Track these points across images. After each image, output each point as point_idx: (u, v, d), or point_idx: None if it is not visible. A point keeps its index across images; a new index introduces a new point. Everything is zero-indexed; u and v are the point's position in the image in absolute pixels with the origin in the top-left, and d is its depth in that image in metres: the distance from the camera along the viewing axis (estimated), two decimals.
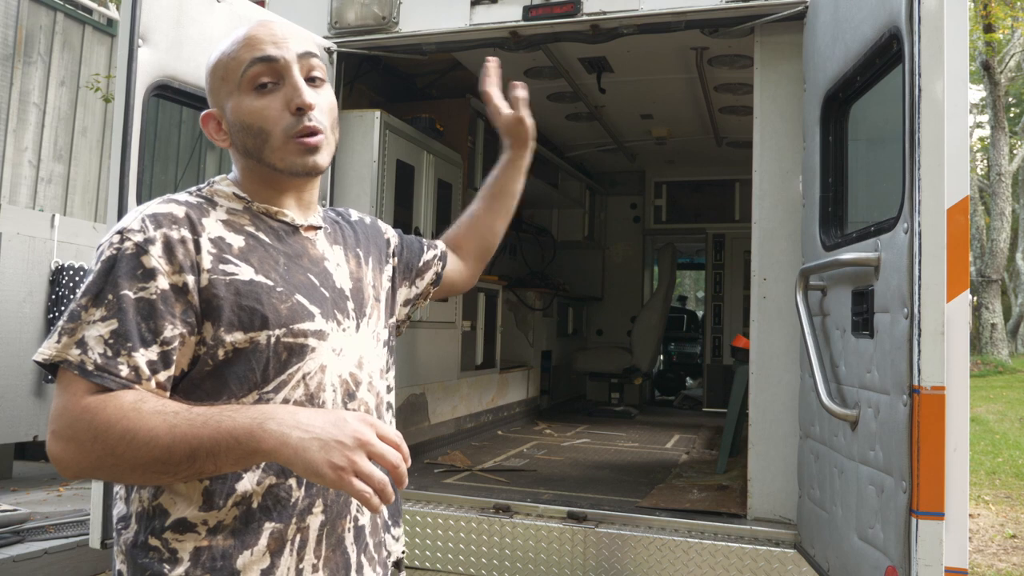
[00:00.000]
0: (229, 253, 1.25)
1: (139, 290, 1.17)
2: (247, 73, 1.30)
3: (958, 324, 2.42)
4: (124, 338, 1.14)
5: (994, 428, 10.21)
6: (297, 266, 1.33)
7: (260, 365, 1.24)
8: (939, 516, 1.90)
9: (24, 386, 5.05)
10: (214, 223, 1.27)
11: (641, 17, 3.22)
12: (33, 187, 7.98)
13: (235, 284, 1.23)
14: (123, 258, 1.18)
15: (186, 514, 1.21)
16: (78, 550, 3.82)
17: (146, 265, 1.18)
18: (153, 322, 1.17)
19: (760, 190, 3.19)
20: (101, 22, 8.78)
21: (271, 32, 1.32)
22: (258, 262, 1.27)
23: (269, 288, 1.26)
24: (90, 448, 1.10)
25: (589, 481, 3.95)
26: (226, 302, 1.21)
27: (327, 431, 1.06)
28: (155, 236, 1.19)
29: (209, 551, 1.20)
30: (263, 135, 1.30)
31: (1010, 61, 18.44)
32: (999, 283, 18.52)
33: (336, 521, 1.31)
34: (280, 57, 1.30)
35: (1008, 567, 4.91)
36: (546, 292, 7.03)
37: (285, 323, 1.25)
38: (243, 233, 1.29)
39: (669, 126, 6.22)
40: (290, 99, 1.29)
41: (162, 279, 1.18)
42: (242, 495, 1.22)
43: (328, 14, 3.56)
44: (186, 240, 1.22)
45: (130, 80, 2.59)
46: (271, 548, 1.23)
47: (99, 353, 1.13)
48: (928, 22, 1.95)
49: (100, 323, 1.14)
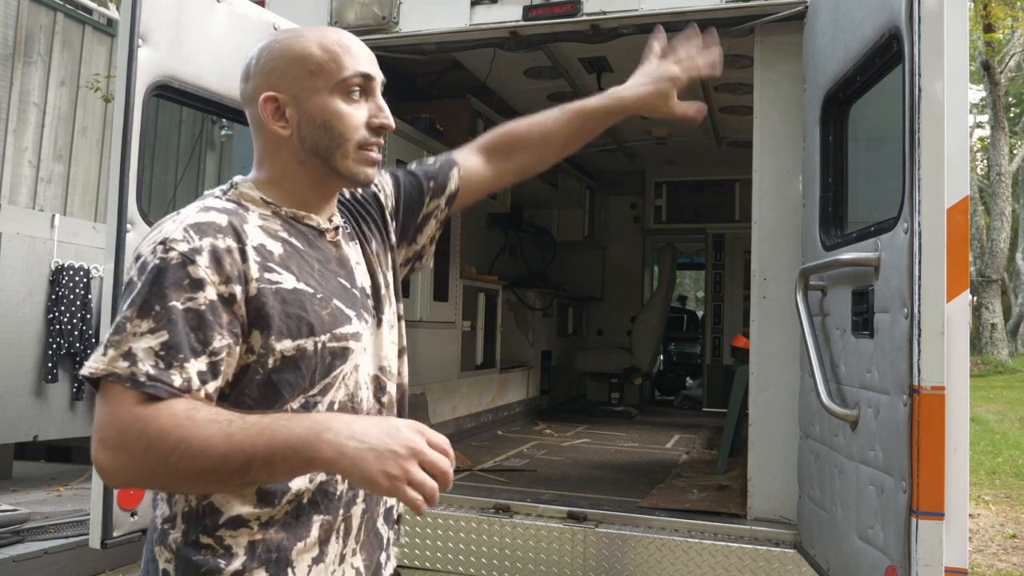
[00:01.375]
0: (272, 261, 1.26)
1: (187, 300, 1.16)
2: (348, 80, 1.32)
3: (958, 324, 2.42)
4: (175, 349, 1.14)
5: (994, 428, 10.21)
6: (329, 271, 1.35)
7: (309, 371, 1.26)
8: (939, 516, 1.90)
9: (24, 386, 5.05)
10: (254, 230, 1.28)
11: (641, 17, 3.22)
12: (33, 187, 7.98)
13: (281, 293, 1.24)
14: (169, 268, 1.16)
15: (241, 511, 1.23)
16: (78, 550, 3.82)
17: (193, 276, 1.17)
18: (202, 333, 1.16)
19: (760, 190, 3.19)
20: (101, 22, 8.78)
21: (361, 47, 1.38)
22: (297, 269, 1.28)
23: (310, 295, 1.28)
24: (142, 457, 1.10)
25: (589, 481, 3.95)
26: (274, 311, 1.22)
27: (382, 441, 1.09)
28: (201, 246, 1.19)
29: (264, 544, 1.23)
30: (341, 139, 1.33)
31: (1010, 61, 18.45)
32: (999, 283, 18.52)
33: (374, 508, 1.39)
34: (375, 76, 1.37)
35: (1008, 567, 4.91)
36: (546, 292, 7.03)
37: (328, 329, 1.28)
38: (279, 240, 1.30)
39: (669, 126, 6.21)
40: (374, 116, 1.35)
41: (210, 289, 1.18)
42: (295, 493, 1.26)
43: (328, 14, 3.56)
44: (232, 250, 1.21)
45: (130, 80, 2.59)
46: (320, 538, 1.28)
47: (150, 365, 1.12)
48: (928, 22, 1.95)
49: (149, 335, 1.13)
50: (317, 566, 1.28)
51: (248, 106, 1.38)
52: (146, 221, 2.67)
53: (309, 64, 1.33)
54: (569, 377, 7.85)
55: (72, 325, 5.22)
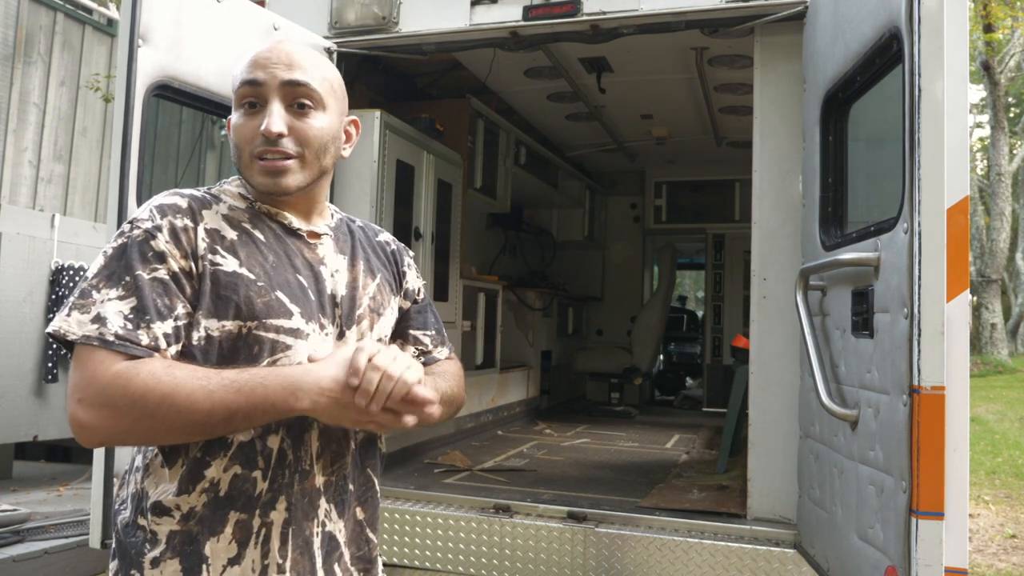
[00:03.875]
0: (220, 245, 1.32)
1: (152, 271, 1.25)
2: (238, 92, 1.38)
3: (958, 324, 2.42)
4: (143, 312, 1.22)
5: (994, 428, 10.21)
6: (287, 265, 1.37)
7: (231, 354, 1.29)
8: (939, 516, 1.91)
9: (24, 386, 5.04)
10: (213, 215, 1.35)
11: (641, 17, 3.22)
12: (33, 187, 7.98)
13: (218, 273, 1.29)
14: (134, 243, 1.26)
15: (161, 498, 1.28)
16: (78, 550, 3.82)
17: (156, 249, 1.26)
18: (168, 299, 1.25)
19: (760, 190, 3.19)
20: (101, 22, 8.78)
21: (268, 55, 1.38)
22: (245, 256, 1.33)
23: (249, 281, 1.31)
24: (127, 412, 1.17)
25: (589, 481, 3.95)
26: (208, 289, 1.28)
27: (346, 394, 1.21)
28: (162, 224, 1.28)
29: (181, 535, 1.27)
30: (238, 151, 1.39)
31: (1010, 61, 18.45)
32: (999, 283, 18.53)
33: (302, 522, 1.34)
34: (263, 81, 1.36)
35: (1008, 567, 4.91)
36: (546, 292, 7.02)
37: (259, 316, 1.30)
38: (239, 228, 1.36)
39: (669, 126, 6.21)
40: (262, 123, 1.35)
41: (172, 262, 1.27)
42: (210, 481, 1.28)
43: (328, 14, 3.56)
44: (188, 229, 1.30)
45: (130, 80, 2.59)
46: (236, 537, 1.29)
47: (119, 325, 1.20)
48: (928, 22, 1.95)
49: (118, 300, 1.22)
50: (233, 568, 1.28)
51: None
52: None
53: (232, 82, 1.42)
54: (569, 377, 7.84)
55: None
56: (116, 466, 2.56)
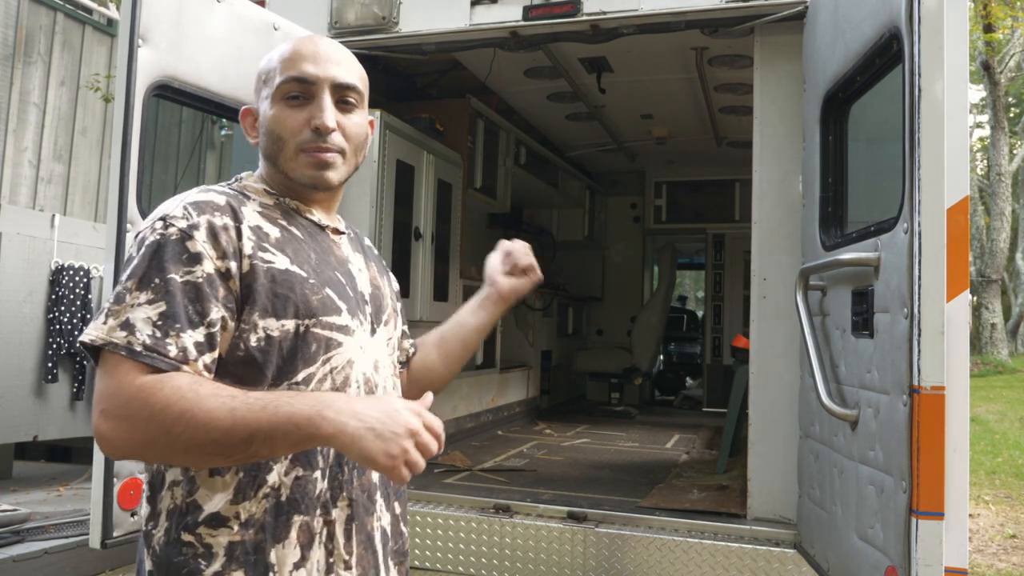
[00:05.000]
0: (267, 242, 1.29)
1: (185, 274, 1.19)
2: (283, 86, 1.36)
3: (958, 324, 2.42)
4: (172, 319, 1.17)
5: (994, 428, 10.21)
6: (326, 262, 1.37)
7: (290, 354, 1.27)
8: (939, 516, 1.90)
9: (24, 386, 5.05)
10: (252, 212, 1.32)
11: (641, 17, 3.22)
12: (33, 187, 7.98)
13: (272, 271, 1.26)
14: (168, 243, 1.21)
15: (219, 508, 1.22)
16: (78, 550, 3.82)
17: (191, 250, 1.21)
18: (200, 304, 1.19)
19: (760, 190, 3.19)
20: (101, 22, 8.78)
21: (315, 51, 1.38)
22: (293, 253, 1.31)
23: (303, 279, 1.30)
24: (145, 427, 1.12)
25: (589, 481, 3.95)
26: (263, 288, 1.25)
27: (382, 422, 1.12)
28: (199, 222, 1.23)
29: (242, 545, 1.22)
30: (280, 143, 1.37)
31: (1010, 61, 18.44)
32: (999, 283, 18.52)
33: (364, 517, 1.33)
34: (314, 78, 1.36)
35: (1008, 567, 4.91)
36: (546, 292, 7.02)
37: (316, 314, 1.29)
38: (277, 225, 1.34)
39: (669, 126, 6.21)
40: (312, 117, 1.35)
41: (208, 263, 1.21)
42: (272, 487, 1.24)
43: (328, 14, 3.56)
44: (228, 227, 1.25)
45: (130, 80, 2.59)
46: (300, 541, 1.25)
47: (147, 334, 1.15)
48: (928, 22, 1.95)
49: (147, 306, 1.17)
50: (299, 571, 1.25)
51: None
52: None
53: (263, 75, 1.41)
54: (569, 377, 7.84)
55: (72, 325, 5.22)
56: (116, 467, 2.55)
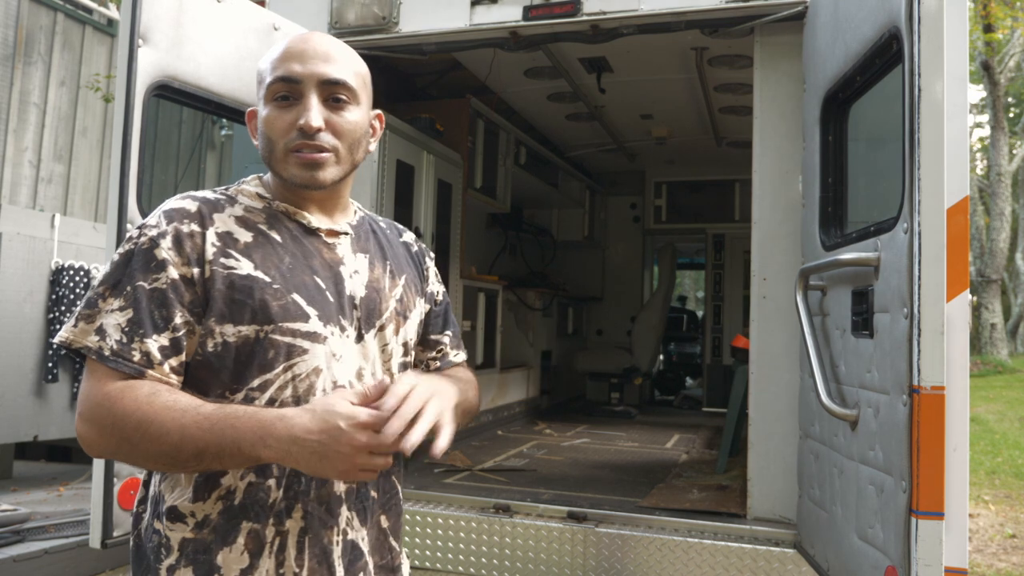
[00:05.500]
0: (233, 248, 1.31)
1: (152, 281, 1.25)
2: (271, 87, 1.37)
3: (958, 324, 2.42)
4: (137, 325, 1.23)
5: (994, 428, 10.21)
6: (304, 267, 1.35)
7: (247, 360, 1.28)
8: (939, 516, 1.90)
9: (24, 386, 5.04)
10: (225, 218, 1.34)
11: (641, 17, 3.22)
12: (33, 187, 7.98)
13: (231, 277, 1.28)
14: (139, 251, 1.27)
15: (178, 503, 1.27)
16: (78, 550, 3.82)
17: (158, 257, 1.26)
18: (165, 310, 1.25)
19: (760, 190, 3.19)
20: (101, 22, 8.78)
21: (303, 49, 1.37)
22: (260, 258, 1.32)
23: (265, 284, 1.29)
24: (109, 434, 1.20)
25: (589, 481, 3.95)
26: (220, 294, 1.27)
27: (323, 443, 1.13)
28: (167, 230, 1.28)
29: (194, 543, 1.26)
30: (271, 145, 1.37)
31: (1010, 61, 18.44)
32: (999, 283, 18.52)
33: (320, 531, 1.30)
34: (300, 77, 1.35)
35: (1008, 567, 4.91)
36: (546, 292, 7.02)
37: (275, 320, 1.29)
38: (254, 230, 1.35)
39: (669, 126, 6.21)
40: (299, 117, 1.34)
41: (172, 270, 1.26)
42: (226, 489, 1.27)
43: (328, 14, 3.56)
44: (194, 234, 1.29)
45: (130, 80, 2.59)
46: (249, 548, 1.26)
47: (115, 340, 1.22)
48: (928, 22, 1.95)
49: (118, 312, 1.24)
50: None
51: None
52: None
53: (258, 76, 1.42)
54: (569, 377, 7.84)
55: None
56: (116, 467, 2.55)
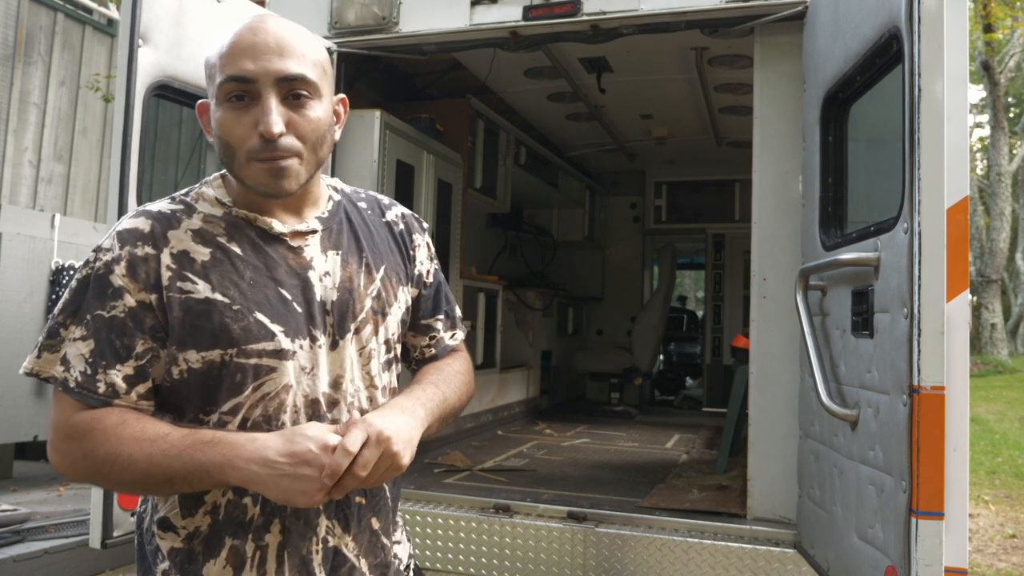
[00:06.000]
0: (189, 269, 1.24)
1: (111, 309, 1.22)
2: (223, 86, 1.24)
3: (958, 324, 2.42)
4: (100, 356, 1.21)
5: (994, 428, 10.21)
6: (267, 280, 1.27)
7: (215, 384, 1.24)
8: (939, 516, 1.90)
9: (24, 386, 5.04)
10: (182, 235, 1.26)
11: (641, 17, 3.22)
12: (33, 187, 7.98)
13: (188, 302, 1.23)
14: (95, 278, 1.23)
15: (168, 514, 1.29)
16: (78, 550, 3.82)
17: (113, 284, 1.22)
18: (126, 338, 1.22)
19: (760, 190, 3.19)
20: (101, 22, 8.78)
21: (253, 42, 1.23)
22: (218, 278, 1.24)
23: (224, 306, 1.23)
24: (80, 464, 1.21)
25: (589, 481, 3.95)
26: (178, 321, 1.23)
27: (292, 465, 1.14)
28: (121, 255, 1.23)
29: (182, 553, 1.27)
30: (230, 150, 1.26)
31: (1010, 61, 18.45)
32: (999, 283, 18.52)
33: (299, 543, 1.29)
34: (254, 76, 1.22)
35: (1008, 567, 4.91)
36: (546, 292, 7.02)
37: (238, 343, 1.23)
38: (212, 245, 1.26)
39: (669, 126, 6.21)
40: (258, 122, 1.23)
41: (128, 297, 1.22)
42: (211, 504, 1.28)
43: (328, 14, 3.56)
44: (148, 258, 1.23)
45: (130, 80, 2.59)
46: (231, 562, 1.27)
47: (79, 371, 1.21)
48: (928, 22, 1.95)
49: (80, 341, 1.22)
50: None
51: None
52: None
53: (208, 69, 1.28)
54: (569, 377, 7.84)
55: None
56: None
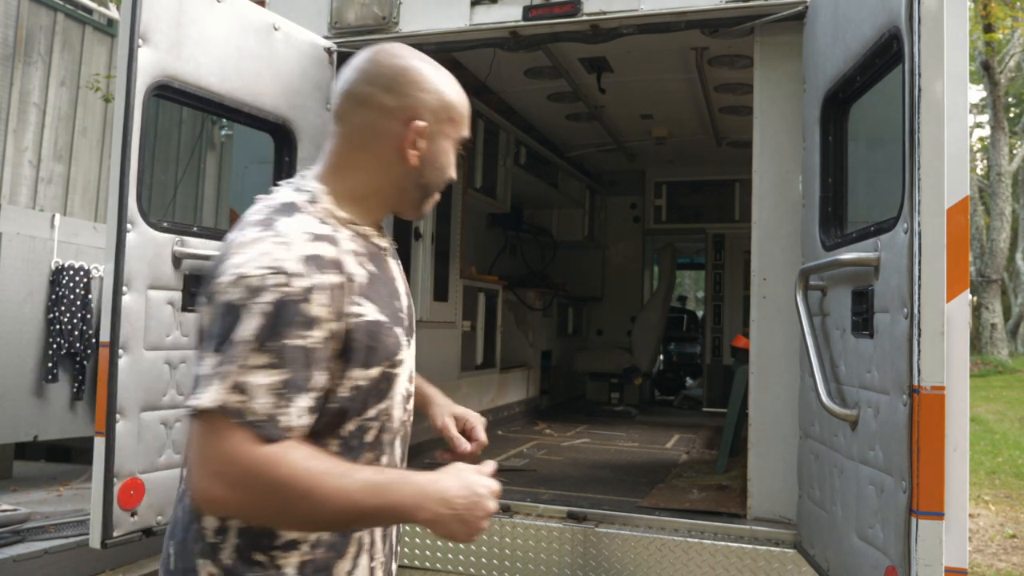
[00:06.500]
0: (357, 292, 1.28)
1: (303, 338, 1.18)
2: (460, 140, 1.48)
3: (958, 324, 2.42)
4: (287, 387, 1.16)
5: (994, 428, 10.21)
6: (393, 293, 1.40)
7: (369, 396, 1.32)
8: (939, 516, 1.90)
9: (24, 386, 5.04)
10: (348, 258, 1.29)
11: (641, 17, 3.22)
12: (33, 187, 7.98)
13: (364, 326, 1.28)
14: (289, 303, 1.17)
15: (297, 536, 1.28)
16: (78, 550, 3.81)
17: (310, 314, 1.19)
18: (314, 370, 1.20)
19: (760, 190, 3.19)
20: (101, 22, 8.77)
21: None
22: (376, 299, 1.32)
23: (385, 326, 1.32)
24: (263, 499, 1.14)
25: (589, 481, 3.95)
26: (358, 344, 1.27)
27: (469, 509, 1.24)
28: (318, 283, 1.20)
29: (312, 563, 1.29)
30: (441, 184, 1.46)
31: (1010, 61, 18.46)
32: (999, 283, 18.53)
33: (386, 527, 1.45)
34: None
35: (1008, 567, 4.91)
36: (546, 292, 7.03)
37: (392, 356, 1.34)
38: (364, 268, 1.33)
39: (669, 126, 6.21)
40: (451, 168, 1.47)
41: (325, 326, 1.21)
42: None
43: (328, 14, 3.56)
44: (341, 286, 1.24)
45: (130, 80, 2.59)
46: (353, 553, 1.35)
47: (264, 403, 1.14)
48: (928, 22, 1.95)
49: (265, 371, 1.14)
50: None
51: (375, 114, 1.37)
52: (146, 221, 2.67)
53: (454, 113, 1.45)
54: (569, 377, 7.84)
55: (72, 325, 5.21)
56: (116, 467, 2.55)
